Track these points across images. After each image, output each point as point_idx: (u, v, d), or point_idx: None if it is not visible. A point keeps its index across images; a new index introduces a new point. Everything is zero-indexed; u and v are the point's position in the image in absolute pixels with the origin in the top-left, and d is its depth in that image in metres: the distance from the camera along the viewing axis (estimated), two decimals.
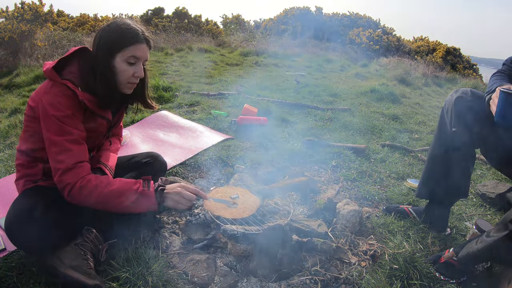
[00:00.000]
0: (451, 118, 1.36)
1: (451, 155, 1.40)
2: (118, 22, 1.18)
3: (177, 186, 1.22)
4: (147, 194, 1.15)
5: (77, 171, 1.11)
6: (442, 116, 1.45)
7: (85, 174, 1.12)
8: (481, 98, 1.29)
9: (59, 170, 1.10)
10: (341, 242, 1.40)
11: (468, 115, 1.30)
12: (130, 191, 1.13)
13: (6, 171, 1.92)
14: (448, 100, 1.40)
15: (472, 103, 1.30)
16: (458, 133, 1.33)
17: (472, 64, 10.99)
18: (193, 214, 1.51)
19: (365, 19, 13.74)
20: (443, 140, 1.44)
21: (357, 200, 1.86)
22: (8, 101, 3.65)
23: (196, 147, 2.37)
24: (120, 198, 1.12)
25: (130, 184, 1.15)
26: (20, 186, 1.24)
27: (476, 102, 1.29)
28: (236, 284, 1.20)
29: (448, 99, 1.40)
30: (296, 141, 2.58)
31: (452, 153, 1.40)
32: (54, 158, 1.11)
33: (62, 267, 1.09)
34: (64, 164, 1.09)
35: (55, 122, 1.09)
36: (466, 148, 1.37)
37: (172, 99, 3.55)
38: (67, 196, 1.11)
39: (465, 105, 1.31)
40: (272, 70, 6.31)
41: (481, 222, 1.43)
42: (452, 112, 1.35)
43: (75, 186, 1.09)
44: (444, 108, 1.43)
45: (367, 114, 3.62)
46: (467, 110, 1.30)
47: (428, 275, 1.26)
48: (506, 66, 1.38)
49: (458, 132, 1.33)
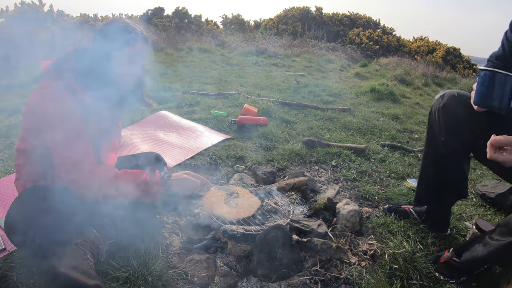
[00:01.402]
0: (439, 127, 1.33)
1: (444, 159, 1.37)
2: (117, 21, 1.19)
3: (183, 173, 1.28)
4: (154, 182, 1.18)
5: (84, 166, 1.13)
6: (430, 120, 1.41)
7: (92, 168, 1.15)
8: (468, 99, 1.24)
9: (65, 166, 1.12)
10: (341, 242, 1.40)
11: (457, 124, 1.26)
12: (137, 181, 1.17)
13: (6, 171, 1.92)
14: (434, 104, 1.36)
15: (459, 109, 1.25)
16: (448, 142, 1.31)
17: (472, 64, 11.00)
18: (193, 214, 1.51)
19: (365, 19, 13.74)
20: (434, 145, 1.40)
21: (357, 200, 1.86)
22: (8, 101, 3.65)
23: (196, 147, 2.37)
24: (128, 189, 1.15)
25: (136, 174, 1.19)
26: (19, 186, 1.24)
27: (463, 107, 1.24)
28: (236, 284, 1.20)
29: (434, 103, 1.36)
30: (296, 141, 2.58)
31: (445, 157, 1.36)
32: (58, 154, 1.13)
33: (62, 267, 1.09)
34: (69, 160, 1.12)
35: (56, 120, 1.10)
36: (457, 154, 1.34)
37: (172, 99, 3.55)
38: (76, 190, 1.13)
39: (452, 113, 1.27)
40: (272, 70, 6.31)
41: (481, 222, 1.43)
42: (439, 120, 1.32)
43: (82, 180, 1.12)
44: (431, 112, 1.39)
45: (367, 114, 3.62)
46: (455, 118, 1.27)
47: (428, 275, 1.26)
48: (491, 63, 1.34)
49: (448, 142, 1.31)
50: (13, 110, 3.25)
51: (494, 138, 0.91)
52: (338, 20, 13.56)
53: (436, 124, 1.35)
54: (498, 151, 0.91)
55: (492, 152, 0.92)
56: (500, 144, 0.89)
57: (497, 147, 0.91)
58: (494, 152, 0.91)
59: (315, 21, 13.20)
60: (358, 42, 11.74)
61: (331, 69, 7.15)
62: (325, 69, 7.07)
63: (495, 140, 0.90)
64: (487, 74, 1.02)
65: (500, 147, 0.90)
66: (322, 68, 7.02)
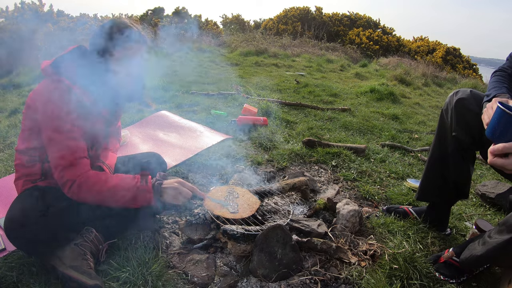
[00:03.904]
0: (451, 121, 1.34)
1: (451, 158, 1.39)
2: (115, 21, 1.19)
3: (175, 181, 1.24)
4: (145, 189, 1.16)
5: (77, 168, 1.12)
6: (442, 118, 1.43)
7: (85, 171, 1.13)
8: (481, 99, 1.26)
9: (58, 166, 1.11)
10: (341, 242, 1.40)
11: (468, 119, 1.28)
12: (128, 186, 1.15)
13: (6, 171, 1.92)
14: (447, 102, 1.38)
15: (473, 106, 1.27)
16: (458, 137, 1.32)
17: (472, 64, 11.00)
18: (193, 214, 1.51)
19: (365, 19, 13.75)
20: (443, 143, 1.42)
21: (357, 200, 1.86)
22: (8, 101, 3.65)
23: (196, 147, 2.37)
24: (118, 194, 1.14)
25: (128, 179, 1.17)
26: (19, 186, 1.24)
27: (476, 105, 1.26)
28: (236, 284, 1.20)
29: (447, 101, 1.39)
30: (296, 141, 2.58)
31: (453, 156, 1.38)
32: (54, 154, 1.12)
33: (62, 267, 1.09)
34: (63, 160, 1.11)
35: (53, 119, 1.10)
36: (466, 151, 1.36)
37: (172, 99, 3.55)
38: (68, 192, 1.12)
39: (465, 108, 1.29)
40: (272, 70, 6.31)
41: (481, 222, 1.43)
42: (453, 115, 1.33)
43: (75, 182, 1.11)
44: (444, 110, 1.41)
45: (367, 114, 3.62)
46: (467, 113, 1.28)
47: (428, 275, 1.26)
48: (509, 62, 1.35)
49: (459, 136, 1.31)
50: (13, 110, 3.25)
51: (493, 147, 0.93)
52: (338, 20, 13.56)
53: (448, 120, 1.37)
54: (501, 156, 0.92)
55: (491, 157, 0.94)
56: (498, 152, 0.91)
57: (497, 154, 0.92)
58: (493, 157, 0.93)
59: (315, 21, 13.20)
60: (358, 42, 11.74)
61: (331, 69, 7.15)
62: (325, 69, 7.08)
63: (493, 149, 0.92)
64: (503, 115, 0.96)
65: None
66: (322, 68, 7.03)
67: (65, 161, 1.11)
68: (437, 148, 1.47)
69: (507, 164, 0.88)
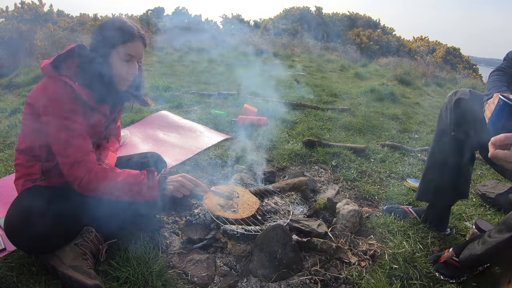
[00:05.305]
0: (451, 121, 1.34)
1: (451, 158, 1.39)
2: (114, 20, 1.19)
3: (179, 176, 1.27)
4: (151, 185, 1.19)
5: (85, 164, 1.14)
6: (440, 118, 1.43)
7: (92, 167, 1.16)
8: (480, 99, 1.26)
9: (66, 164, 1.14)
10: (341, 242, 1.40)
11: (468, 119, 1.28)
12: (135, 182, 1.18)
13: (6, 171, 1.92)
14: (447, 102, 1.38)
15: (472, 106, 1.27)
16: (457, 137, 1.32)
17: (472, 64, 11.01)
18: (193, 214, 1.51)
19: (365, 19, 13.74)
20: (443, 143, 1.42)
21: (357, 200, 1.86)
22: (8, 101, 3.64)
23: (196, 147, 2.37)
24: (126, 189, 1.17)
25: (135, 175, 1.20)
26: (19, 186, 1.24)
27: (476, 104, 1.26)
28: (236, 284, 1.20)
29: (447, 101, 1.38)
30: (296, 141, 2.58)
31: (452, 156, 1.38)
32: (61, 153, 1.14)
33: (62, 267, 1.09)
34: (71, 158, 1.13)
35: (56, 118, 1.11)
36: (465, 151, 1.36)
37: (172, 99, 3.55)
38: (77, 188, 1.15)
39: (464, 108, 1.29)
40: (272, 70, 6.31)
41: (481, 222, 1.43)
42: (451, 115, 1.33)
43: (83, 179, 1.14)
44: (443, 110, 1.41)
45: (367, 114, 3.62)
46: (466, 113, 1.28)
47: (428, 275, 1.26)
48: (506, 62, 1.35)
49: (458, 136, 1.31)
50: (13, 110, 3.25)
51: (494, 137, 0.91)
52: (338, 20, 13.56)
53: (447, 119, 1.37)
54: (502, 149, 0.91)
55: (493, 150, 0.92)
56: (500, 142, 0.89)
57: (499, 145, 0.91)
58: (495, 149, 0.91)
59: (315, 21, 13.20)
60: (358, 42, 11.74)
61: (331, 69, 7.15)
62: (325, 69, 7.08)
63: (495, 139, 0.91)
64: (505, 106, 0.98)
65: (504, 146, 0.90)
66: (322, 68, 7.03)
67: (72, 159, 1.13)
68: (436, 148, 1.46)
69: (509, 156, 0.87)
